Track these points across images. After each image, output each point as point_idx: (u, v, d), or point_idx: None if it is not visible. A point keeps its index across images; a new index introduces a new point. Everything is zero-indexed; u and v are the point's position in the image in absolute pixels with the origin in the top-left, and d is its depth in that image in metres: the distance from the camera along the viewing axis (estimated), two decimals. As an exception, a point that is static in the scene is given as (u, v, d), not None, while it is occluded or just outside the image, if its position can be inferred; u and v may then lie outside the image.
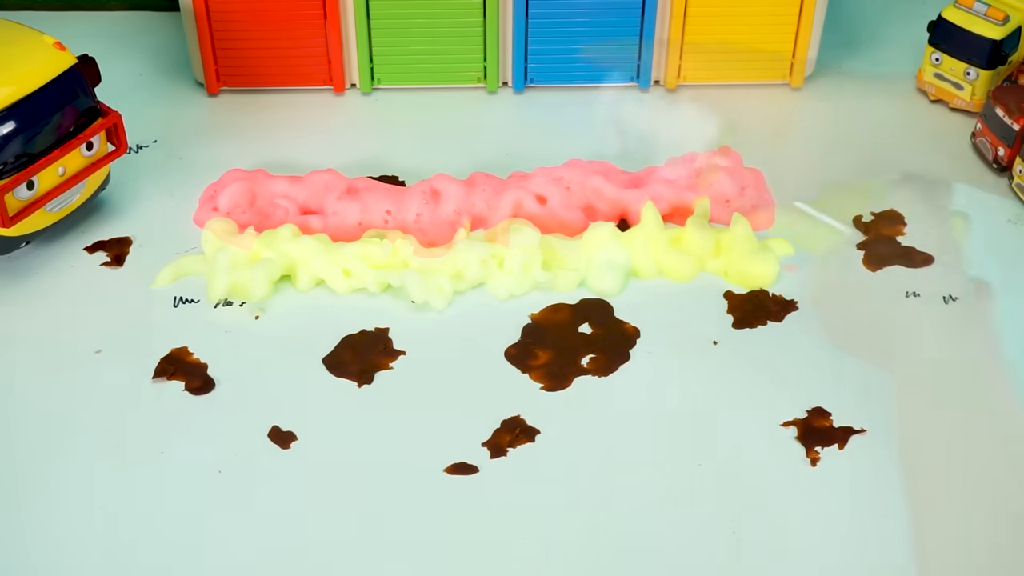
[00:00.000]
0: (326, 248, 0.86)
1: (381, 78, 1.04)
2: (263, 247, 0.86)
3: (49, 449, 0.75)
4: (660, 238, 0.87)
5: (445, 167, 0.94)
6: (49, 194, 0.85)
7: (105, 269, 0.88)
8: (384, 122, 1.02)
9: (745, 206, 0.91)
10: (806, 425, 0.77)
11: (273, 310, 0.85)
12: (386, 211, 0.89)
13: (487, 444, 0.76)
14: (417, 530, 0.71)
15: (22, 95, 0.82)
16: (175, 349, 0.82)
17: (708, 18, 1.01)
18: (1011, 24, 0.99)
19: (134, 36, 1.11)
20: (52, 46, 0.85)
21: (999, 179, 0.97)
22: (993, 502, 0.73)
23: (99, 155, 0.88)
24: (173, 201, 0.93)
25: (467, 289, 0.86)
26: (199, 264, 0.87)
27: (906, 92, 1.06)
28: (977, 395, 0.79)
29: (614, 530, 0.71)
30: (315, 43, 1.02)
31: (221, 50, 1.02)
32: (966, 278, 0.87)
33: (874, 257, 0.89)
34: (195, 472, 0.74)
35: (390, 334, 0.83)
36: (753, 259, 0.86)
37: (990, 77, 1.01)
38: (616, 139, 0.98)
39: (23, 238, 0.85)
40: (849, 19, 1.14)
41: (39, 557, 0.69)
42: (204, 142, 0.99)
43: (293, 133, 1.00)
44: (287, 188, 0.92)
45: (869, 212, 0.93)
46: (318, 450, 0.75)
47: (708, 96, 1.04)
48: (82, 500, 0.72)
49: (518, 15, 1.00)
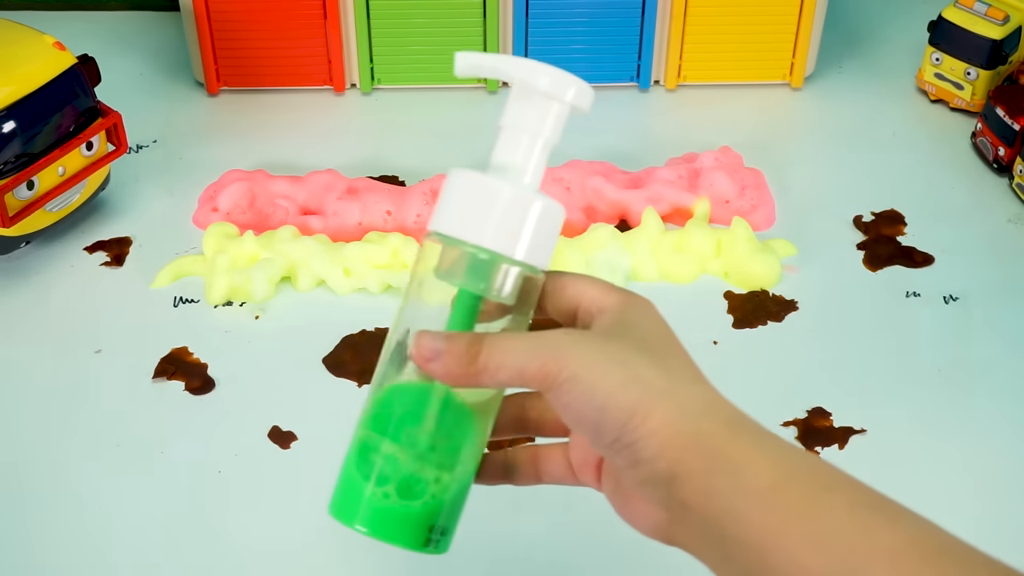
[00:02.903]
0: (326, 248, 0.86)
1: (381, 78, 1.04)
2: (263, 248, 0.86)
3: (49, 449, 0.75)
4: (662, 243, 0.87)
5: (445, 167, 0.94)
6: (49, 194, 0.85)
7: (105, 269, 0.88)
8: (384, 122, 1.02)
9: (745, 206, 0.91)
10: (806, 425, 0.77)
11: (273, 310, 0.85)
12: (386, 211, 0.89)
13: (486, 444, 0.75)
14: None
15: (22, 95, 0.82)
16: (175, 349, 0.82)
17: (708, 18, 1.01)
18: (1011, 24, 0.99)
19: (134, 36, 1.11)
20: (52, 46, 0.85)
21: (999, 179, 0.97)
22: (994, 502, 0.73)
23: (99, 155, 0.88)
24: (173, 201, 0.93)
25: (467, 289, 0.86)
26: (199, 265, 0.87)
27: (906, 92, 1.06)
28: (978, 395, 0.79)
29: (614, 530, 0.71)
30: (315, 43, 1.02)
31: (221, 50, 1.02)
32: (966, 278, 0.87)
33: (874, 257, 0.89)
34: (195, 472, 0.74)
35: (390, 334, 0.83)
36: (754, 260, 0.86)
37: (990, 77, 1.01)
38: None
39: (23, 238, 0.85)
40: (849, 19, 1.14)
41: (39, 557, 0.69)
42: (204, 142, 0.99)
43: (293, 133, 1.00)
44: (287, 188, 0.92)
45: (869, 212, 0.93)
46: (318, 450, 0.75)
47: (708, 96, 1.04)
48: (82, 500, 0.72)
49: (518, 15, 1.00)
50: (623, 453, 0.47)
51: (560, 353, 0.47)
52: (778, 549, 0.43)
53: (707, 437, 0.46)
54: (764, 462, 0.45)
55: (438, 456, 0.51)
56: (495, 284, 0.50)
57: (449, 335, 0.49)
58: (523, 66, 0.51)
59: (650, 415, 0.46)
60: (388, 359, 0.52)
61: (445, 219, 0.50)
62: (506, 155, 0.51)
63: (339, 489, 0.52)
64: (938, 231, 0.91)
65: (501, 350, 0.48)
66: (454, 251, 0.50)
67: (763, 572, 0.44)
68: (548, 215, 0.50)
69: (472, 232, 0.49)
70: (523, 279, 0.50)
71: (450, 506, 0.52)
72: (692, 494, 0.45)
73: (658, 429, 0.46)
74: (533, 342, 0.48)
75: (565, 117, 0.52)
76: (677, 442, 0.46)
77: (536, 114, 0.51)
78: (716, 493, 0.45)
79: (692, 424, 0.46)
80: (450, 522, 0.53)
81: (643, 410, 0.46)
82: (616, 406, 0.46)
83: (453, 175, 0.50)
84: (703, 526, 0.46)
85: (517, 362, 0.48)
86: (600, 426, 0.47)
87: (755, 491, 0.44)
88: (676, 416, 0.46)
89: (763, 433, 0.47)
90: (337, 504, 0.52)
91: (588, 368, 0.47)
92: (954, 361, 0.81)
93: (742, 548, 0.44)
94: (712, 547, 0.46)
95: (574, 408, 0.47)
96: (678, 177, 0.92)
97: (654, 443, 0.46)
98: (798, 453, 0.46)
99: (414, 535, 0.52)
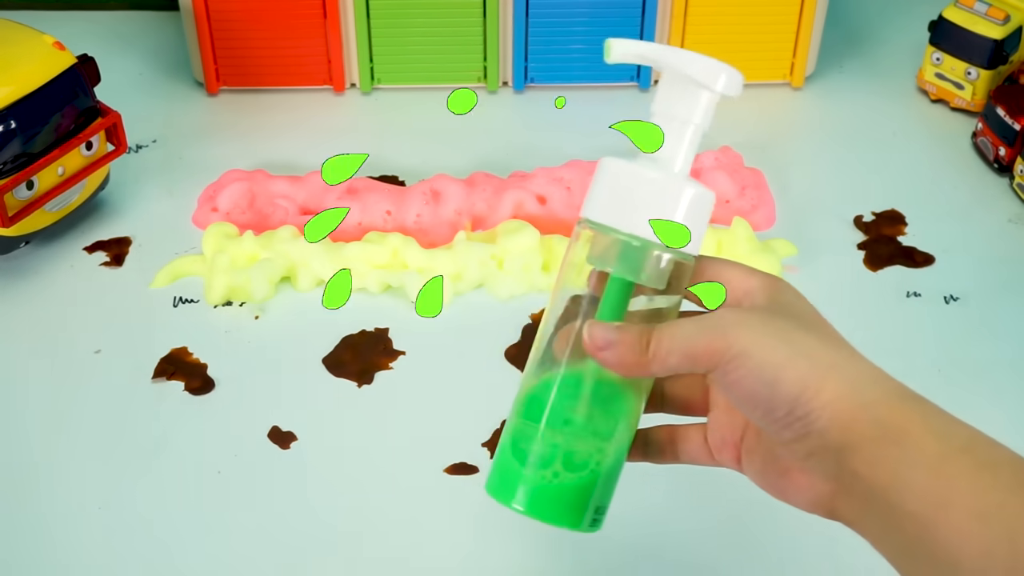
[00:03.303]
0: (326, 248, 0.86)
1: (381, 78, 1.04)
2: (263, 248, 0.86)
3: (48, 449, 0.75)
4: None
5: (445, 167, 0.94)
6: (48, 194, 0.85)
7: (104, 269, 0.88)
8: (384, 122, 1.02)
9: (745, 206, 0.91)
10: (806, 425, 0.77)
11: (273, 310, 0.84)
12: (386, 211, 0.89)
13: (487, 444, 0.75)
14: (417, 530, 0.71)
15: (22, 95, 0.82)
16: (175, 349, 0.81)
17: (708, 18, 1.01)
18: (1012, 24, 0.99)
19: (134, 36, 1.11)
20: (52, 46, 0.85)
21: (1000, 179, 0.97)
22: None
23: (98, 155, 0.88)
24: (172, 201, 0.93)
25: (467, 289, 0.86)
26: (198, 265, 0.87)
27: (906, 92, 1.06)
28: (978, 395, 0.79)
29: (615, 529, 0.71)
30: (315, 43, 1.02)
31: (221, 50, 1.02)
32: (967, 278, 0.87)
33: (874, 257, 0.89)
34: (195, 472, 0.74)
35: (390, 334, 0.83)
36: (755, 260, 0.86)
37: (991, 77, 1.01)
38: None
39: (23, 238, 0.85)
40: (849, 19, 1.14)
41: (39, 556, 0.69)
42: (204, 142, 0.99)
43: (293, 133, 1.00)
44: (287, 188, 0.92)
45: (870, 212, 0.93)
46: (318, 450, 0.75)
47: (708, 96, 1.04)
48: (81, 500, 0.72)
49: (518, 15, 1.00)
50: (795, 426, 0.48)
51: (727, 332, 0.49)
52: (942, 520, 0.44)
53: (876, 408, 0.47)
54: (931, 434, 0.46)
55: (594, 432, 0.53)
56: (647, 270, 0.52)
57: (620, 325, 0.51)
58: (675, 55, 0.52)
59: (822, 388, 0.47)
60: (543, 346, 0.54)
61: (597, 207, 0.52)
62: None
63: (496, 471, 0.54)
64: (939, 231, 0.91)
65: (669, 335, 0.50)
66: (606, 239, 0.52)
67: (926, 543, 0.45)
68: (698, 202, 0.51)
69: (624, 220, 0.51)
70: (674, 265, 0.52)
71: (606, 480, 0.54)
72: (862, 463, 0.47)
73: (830, 401, 0.47)
74: (699, 325, 0.50)
75: (715, 105, 0.53)
76: (848, 413, 0.47)
77: (687, 102, 0.52)
78: (885, 462, 0.46)
79: (862, 396, 0.47)
80: (605, 499, 0.54)
81: (814, 383, 0.48)
82: (788, 379, 0.48)
83: (605, 163, 0.52)
84: (870, 496, 0.47)
85: (686, 345, 0.50)
86: (771, 401, 0.48)
87: (923, 461, 0.46)
88: (847, 388, 0.48)
89: (929, 406, 0.48)
90: (494, 483, 0.54)
91: (756, 344, 0.48)
92: (954, 361, 0.81)
93: (907, 518, 0.45)
94: (876, 518, 0.47)
95: (744, 384, 0.48)
96: (678, 177, 0.92)
97: (827, 415, 0.47)
98: (965, 427, 0.47)
99: (575, 513, 0.53)
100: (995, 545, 0.43)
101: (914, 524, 0.45)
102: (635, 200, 0.51)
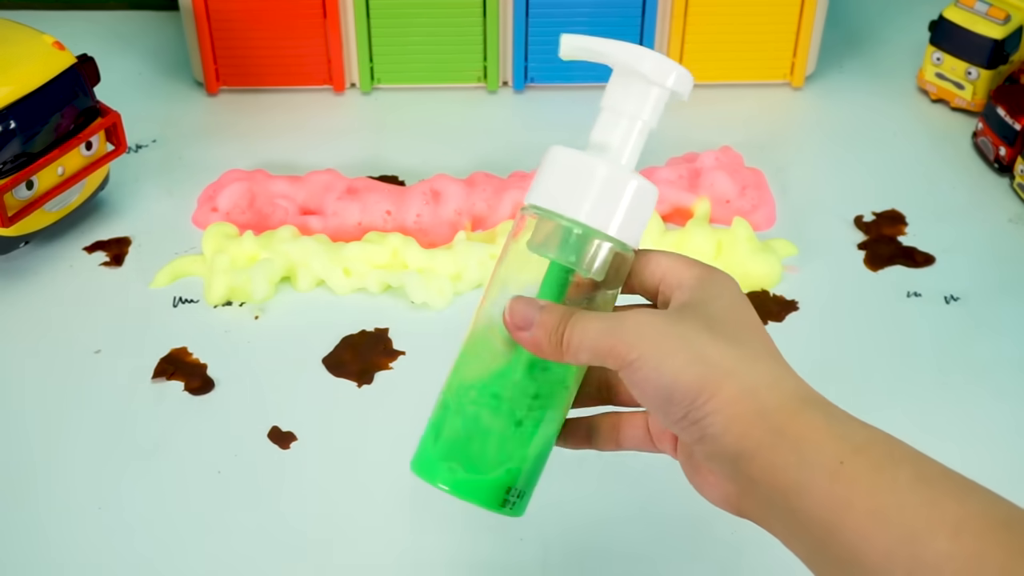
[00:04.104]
0: (326, 248, 0.86)
1: (381, 78, 1.04)
2: (262, 248, 0.86)
3: (48, 449, 0.75)
4: (662, 243, 0.87)
5: (445, 167, 0.94)
6: (48, 194, 0.85)
7: (104, 269, 0.88)
8: (384, 122, 1.02)
9: (745, 206, 0.91)
10: (807, 425, 0.76)
11: (273, 310, 0.84)
12: (386, 211, 0.89)
13: (487, 444, 0.75)
14: (417, 529, 0.71)
15: (21, 95, 0.82)
16: (175, 349, 0.81)
17: (708, 18, 1.01)
18: (1012, 23, 0.99)
19: (134, 36, 1.11)
20: (52, 46, 0.85)
21: (1000, 179, 0.97)
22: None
23: (98, 155, 0.88)
24: (172, 201, 0.93)
25: (467, 289, 0.86)
26: (198, 265, 0.87)
27: (906, 92, 1.06)
28: (978, 395, 0.79)
29: (615, 529, 0.71)
30: (315, 43, 1.02)
31: (221, 50, 1.02)
32: (967, 278, 0.87)
33: (875, 257, 0.89)
34: (194, 472, 0.74)
35: (390, 334, 0.83)
36: (755, 260, 0.86)
37: (991, 77, 1.01)
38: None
39: (22, 238, 0.85)
40: (850, 19, 1.14)
41: (38, 556, 0.69)
42: (203, 142, 0.99)
43: (293, 133, 1.00)
44: (287, 188, 0.92)
45: (870, 212, 0.93)
46: (318, 450, 0.75)
47: (708, 96, 1.04)
48: (81, 500, 0.72)
49: (518, 15, 1.00)
50: (690, 430, 0.48)
51: (627, 335, 0.49)
52: (843, 523, 0.44)
53: (773, 413, 0.47)
54: (829, 437, 0.46)
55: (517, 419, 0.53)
56: (587, 258, 0.52)
57: (544, 305, 0.51)
58: (627, 50, 0.52)
59: (716, 394, 0.47)
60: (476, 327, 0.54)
61: (542, 193, 0.52)
62: (605, 135, 0.53)
63: (420, 449, 0.55)
64: (939, 231, 0.91)
65: (581, 330, 0.50)
66: (549, 224, 0.52)
67: (829, 546, 0.45)
68: (642, 195, 0.52)
69: (568, 206, 0.51)
70: (613, 255, 0.52)
71: (528, 468, 0.54)
72: (758, 469, 0.47)
73: (724, 407, 0.47)
74: (608, 323, 0.50)
75: (664, 102, 0.53)
76: (743, 419, 0.47)
77: (636, 98, 0.52)
78: (782, 468, 0.46)
79: (758, 401, 0.47)
80: (528, 485, 0.55)
81: (709, 388, 0.48)
82: (682, 384, 0.48)
83: (553, 151, 0.53)
84: (770, 500, 0.47)
85: (593, 343, 0.50)
86: (668, 404, 0.48)
87: (820, 466, 0.46)
88: (742, 394, 0.48)
89: (830, 409, 0.48)
90: (418, 462, 0.55)
91: (654, 349, 0.48)
92: (955, 361, 0.81)
93: (809, 522, 0.45)
94: (780, 521, 0.48)
95: (643, 387, 0.49)
96: (678, 177, 0.92)
97: (720, 420, 0.47)
98: (865, 428, 0.47)
99: (491, 495, 0.54)
100: (895, 546, 0.43)
101: (818, 527, 0.45)
102: (580, 188, 0.51)
